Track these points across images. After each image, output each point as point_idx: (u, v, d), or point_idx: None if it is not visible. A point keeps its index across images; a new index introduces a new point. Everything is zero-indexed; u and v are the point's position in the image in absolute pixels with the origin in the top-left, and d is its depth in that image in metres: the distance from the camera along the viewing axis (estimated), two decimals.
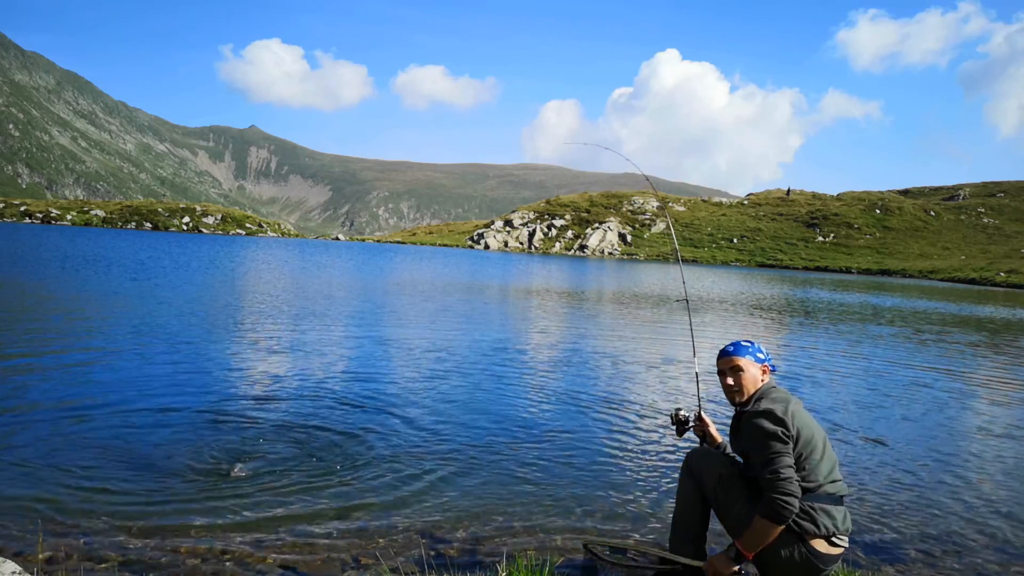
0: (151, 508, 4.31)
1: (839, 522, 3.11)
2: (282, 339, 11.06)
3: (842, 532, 3.14)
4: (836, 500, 3.14)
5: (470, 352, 10.87)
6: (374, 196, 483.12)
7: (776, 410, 3.14)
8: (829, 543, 3.10)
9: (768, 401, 3.24)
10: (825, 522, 3.07)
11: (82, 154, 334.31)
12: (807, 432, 3.15)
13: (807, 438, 3.14)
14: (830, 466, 3.17)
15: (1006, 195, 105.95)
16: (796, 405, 3.25)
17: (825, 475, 3.13)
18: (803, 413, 3.24)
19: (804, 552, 3.07)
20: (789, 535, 3.09)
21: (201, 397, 7.06)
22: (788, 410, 3.16)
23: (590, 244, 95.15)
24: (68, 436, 5.54)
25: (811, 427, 3.20)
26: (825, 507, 3.10)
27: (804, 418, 3.21)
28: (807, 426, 3.18)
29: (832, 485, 3.15)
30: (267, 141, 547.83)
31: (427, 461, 5.50)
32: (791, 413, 3.15)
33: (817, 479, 3.11)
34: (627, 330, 15.32)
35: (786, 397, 3.28)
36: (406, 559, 3.82)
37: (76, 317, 12.07)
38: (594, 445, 6.21)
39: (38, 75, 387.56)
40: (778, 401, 3.22)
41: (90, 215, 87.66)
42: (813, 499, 3.10)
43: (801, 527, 3.07)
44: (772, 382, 3.42)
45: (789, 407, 3.18)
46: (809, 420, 3.23)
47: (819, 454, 3.14)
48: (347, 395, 7.54)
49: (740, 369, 3.40)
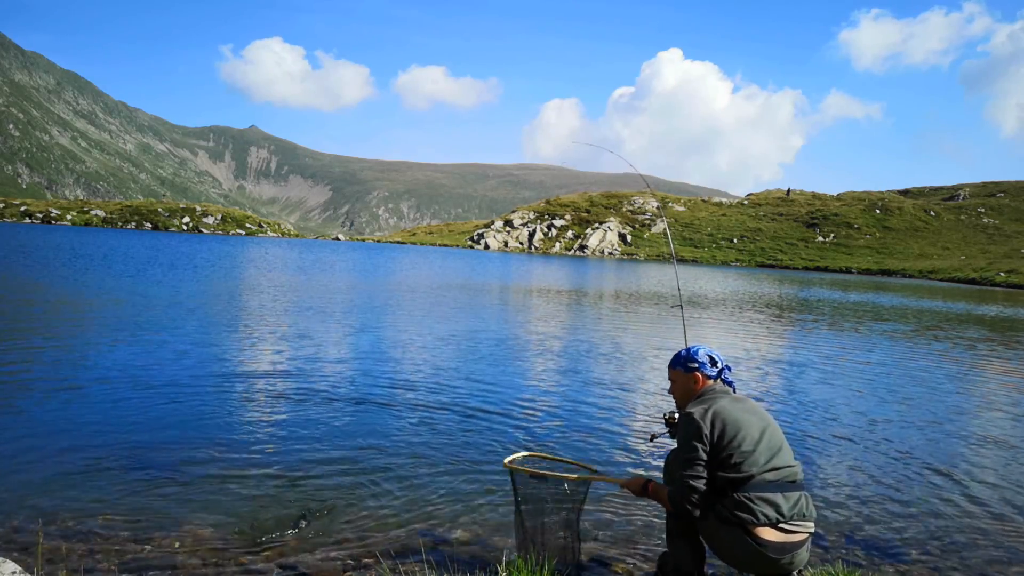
0: (151, 508, 4.32)
1: (785, 509, 3.10)
2: (287, 335, 11.05)
3: (793, 518, 3.12)
4: (779, 487, 3.14)
5: (471, 351, 10.87)
6: (374, 196, 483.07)
7: (695, 413, 3.27)
8: (779, 531, 3.10)
9: (694, 403, 3.38)
10: (765, 511, 3.08)
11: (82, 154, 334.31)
12: (733, 427, 3.20)
13: (732, 433, 3.19)
14: (769, 455, 3.19)
15: (1006, 195, 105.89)
16: (725, 403, 3.30)
17: (761, 464, 3.15)
18: (732, 408, 3.28)
19: (750, 543, 3.09)
20: (731, 527, 3.12)
21: (202, 397, 7.06)
22: (709, 410, 3.26)
23: (590, 244, 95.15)
24: (68, 436, 5.55)
25: (741, 421, 3.23)
26: (764, 496, 3.10)
27: (732, 413, 3.25)
28: (735, 420, 3.22)
29: (772, 473, 3.16)
30: (267, 141, 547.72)
31: (427, 460, 5.50)
32: (712, 412, 3.25)
33: (750, 470, 3.14)
34: (626, 329, 15.32)
35: (713, 398, 3.36)
36: (406, 559, 3.81)
37: (79, 316, 12.08)
38: (596, 445, 6.22)
39: (38, 75, 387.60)
40: (702, 403, 3.34)
41: (90, 215, 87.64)
42: (750, 489, 3.12)
43: (740, 519, 3.10)
44: (713, 385, 3.47)
45: (711, 407, 3.28)
46: (739, 414, 3.26)
47: (752, 445, 3.17)
48: (347, 393, 7.54)
49: (673, 380, 3.63)
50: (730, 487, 3.15)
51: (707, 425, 3.21)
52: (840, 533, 4.57)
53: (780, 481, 3.16)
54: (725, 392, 3.42)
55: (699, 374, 3.47)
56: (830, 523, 4.69)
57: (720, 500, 3.17)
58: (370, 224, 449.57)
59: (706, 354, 3.51)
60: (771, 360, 11.94)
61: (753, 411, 3.33)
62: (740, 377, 9.85)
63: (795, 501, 3.15)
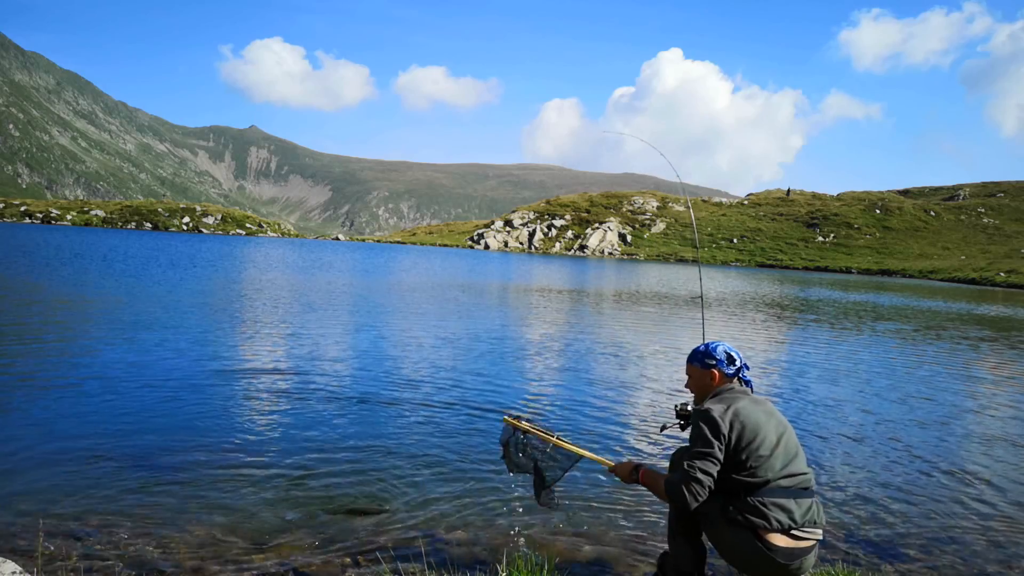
0: (151, 508, 4.32)
1: (797, 515, 3.09)
2: (287, 334, 11.05)
3: (804, 525, 3.11)
4: (793, 493, 3.13)
5: (471, 351, 10.87)
6: (374, 196, 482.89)
7: (713, 411, 3.21)
8: (790, 537, 3.09)
9: (713, 401, 3.32)
10: (778, 517, 3.08)
11: (82, 154, 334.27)
12: (752, 430, 3.17)
13: (751, 436, 3.16)
14: (785, 461, 3.17)
15: (1006, 195, 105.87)
16: (745, 405, 3.26)
17: (777, 470, 3.14)
18: (753, 411, 3.24)
19: (759, 547, 3.08)
20: (742, 531, 3.11)
21: (202, 397, 7.06)
22: (728, 409, 3.20)
23: (590, 244, 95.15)
24: (68, 436, 5.55)
25: (761, 424, 3.20)
26: (778, 501, 3.10)
27: (752, 416, 3.21)
28: (755, 424, 3.19)
29: (788, 479, 3.15)
30: (267, 141, 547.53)
31: (427, 460, 5.50)
32: (732, 412, 3.19)
33: (765, 475, 3.12)
34: (634, 325, 15.32)
35: (733, 397, 3.31)
36: (406, 559, 3.82)
37: (78, 316, 12.07)
38: (596, 446, 6.21)
39: (38, 75, 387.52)
40: (722, 401, 3.28)
41: (90, 215, 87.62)
42: (764, 494, 3.11)
43: (752, 523, 3.09)
44: (732, 384, 3.42)
45: (732, 407, 3.23)
46: (760, 417, 3.22)
47: (769, 450, 3.15)
48: (347, 393, 7.54)
49: (689, 375, 3.55)
50: (744, 490, 3.12)
51: (726, 425, 3.16)
52: (840, 533, 4.58)
53: (794, 488, 3.15)
54: (744, 393, 3.37)
55: (716, 371, 3.42)
56: (831, 523, 4.68)
57: (732, 502, 3.14)
58: (370, 224, 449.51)
59: (724, 351, 3.44)
60: (772, 359, 11.94)
61: (772, 414, 3.29)
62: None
63: (807, 508, 3.14)
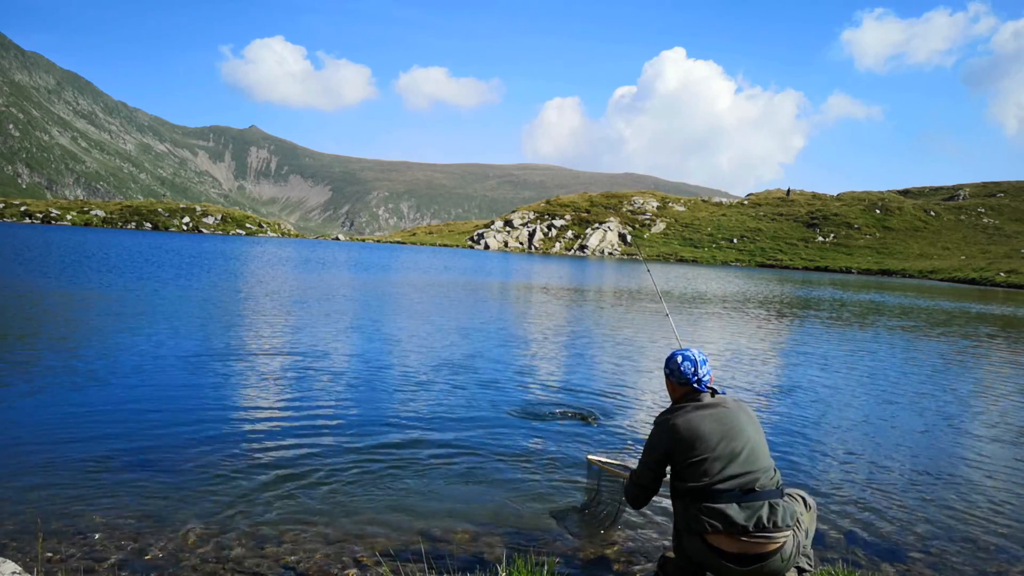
0: (151, 508, 4.32)
1: (740, 518, 3.06)
2: (288, 333, 11.05)
3: (747, 526, 3.06)
4: (734, 496, 3.11)
5: (471, 349, 10.87)
6: (374, 196, 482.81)
7: (657, 421, 3.42)
8: (735, 540, 3.08)
9: (667, 411, 3.44)
10: (713, 520, 3.09)
11: (82, 154, 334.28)
12: (690, 438, 3.22)
13: (688, 443, 3.22)
14: (725, 463, 3.16)
15: (1006, 195, 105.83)
16: (688, 414, 3.29)
17: (716, 472, 3.14)
18: (695, 419, 3.27)
19: (705, 550, 3.15)
20: (693, 536, 3.18)
21: (203, 397, 7.07)
22: (670, 420, 3.32)
23: (590, 244, 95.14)
24: (67, 436, 5.55)
25: (700, 431, 3.22)
26: (716, 506, 3.10)
27: (692, 424, 3.25)
28: (694, 431, 3.23)
29: (728, 482, 3.13)
30: (267, 141, 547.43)
31: (426, 461, 5.51)
32: (673, 424, 3.30)
33: (702, 479, 3.15)
34: (629, 327, 15.31)
35: (680, 408, 3.36)
36: (406, 559, 3.82)
37: (78, 316, 12.07)
38: (602, 440, 6.21)
39: (38, 75, 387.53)
40: (669, 411, 3.41)
41: (90, 215, 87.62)
42: (704, 498, 3.14)
43: (696, 527, 3.15)
44: (685, 392, 3.44)
45: (673, 419, 3.31)
46: (701, 424, 3.24)
47: (709, 453, 3.17)
48: (348, 392, 7.54)
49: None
50: (690, 496, 3.19)
51: (664, 434, 3.31)
52: (840, 533, 4.58)
53: (736, 490, 3.12)
54: (696, 400, 3.37)
55: (671, 381, 3.48)
56: (831, 523, 4.69)
57: (686, 508, 3.20)
58: (370, 224, 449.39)
59: (683, 359, 3.43)
60: (772, 358, 11.94)
61: (718, 419, 3.27)
62: (741, 376, 9.86)
63: (754, 510, 3.09)
